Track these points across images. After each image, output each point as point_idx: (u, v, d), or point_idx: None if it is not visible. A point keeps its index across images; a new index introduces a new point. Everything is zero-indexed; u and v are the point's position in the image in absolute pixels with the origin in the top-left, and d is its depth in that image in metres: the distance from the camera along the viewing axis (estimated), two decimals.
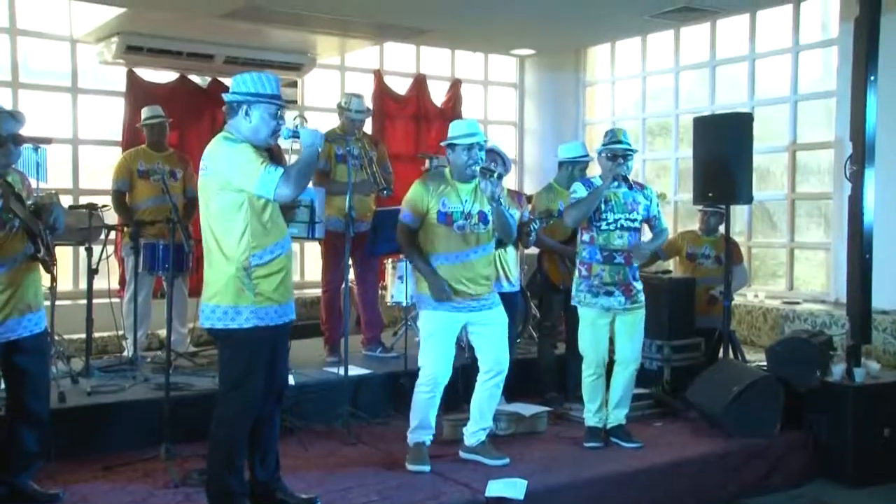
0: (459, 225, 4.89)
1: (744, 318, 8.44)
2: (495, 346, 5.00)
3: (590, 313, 5.42)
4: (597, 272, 5.37)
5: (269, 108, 3.95)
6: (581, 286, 5.44)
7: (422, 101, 9.89)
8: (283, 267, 4.02)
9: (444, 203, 4.90)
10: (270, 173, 3.77)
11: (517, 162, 10.81)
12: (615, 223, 5.36)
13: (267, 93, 3.95)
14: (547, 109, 10.77)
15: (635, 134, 10.18)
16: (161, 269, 6.35)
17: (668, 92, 9.87)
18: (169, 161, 6.88)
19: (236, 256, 3.88)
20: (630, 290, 5.38)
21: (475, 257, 4.93)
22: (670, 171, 9.81)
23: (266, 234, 3.94)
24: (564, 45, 10.20)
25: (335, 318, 6.81)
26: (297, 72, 8.94)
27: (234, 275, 3.88)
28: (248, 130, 3.94)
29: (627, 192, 5.43)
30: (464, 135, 4.94)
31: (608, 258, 5.36)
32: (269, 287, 3.96)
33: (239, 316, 3.90)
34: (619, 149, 5.40)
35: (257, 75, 3.98)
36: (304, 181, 3.85)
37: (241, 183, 3.82)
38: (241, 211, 3.86)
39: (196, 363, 6.48)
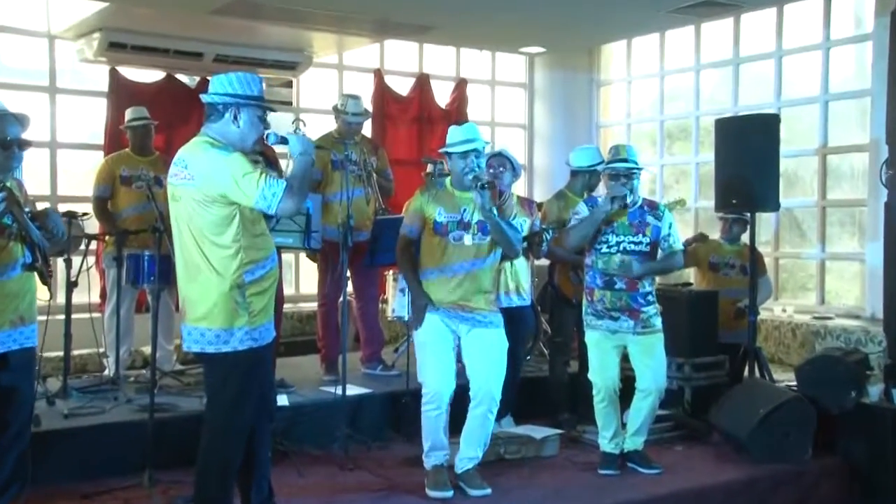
0: (456, 235, 4.90)
1: (771, 334, 8.40)
2: (488, 372, 4.93)
3: (595, 337, 5.41)
4: (598, 297, 5.35)
5: (257, 111, 3.95)
6: (588, 310, 5.44)
7: (425, 103, 9.87)
8: (273, 282, 4.02)
9: (441, 212, 4.92)
10: (272, 186, 3.75)
11: (526, 167, 10.79)
12: (617, 246, 5.32)
13: (255, 94, 3.94)
14: (558, 111, 10.75)
15: (652, 137, 10.17)
16: (145, 281, 6.32)
17: (687, 92, 9.85)
18: (154, 166, 6.86)
19: (230, 273, 3.86)
20: (637, 314, 5.33)
21: (474, 270, 4.91)
22: (690, 177, 9.78)
23: (258, 248, 3.93)
24: (577, 43, 10.18)
25: (332, 333, 6.77)
26: (291, 71, 8.93)
27: (228, 293, 3.86)
28: (235, 136, 3.92)
29: (634, 213, 5.36)
30: (458, 142, 4.93)
31: (608, 283, 5.32)
32: (260, 304, 3.95)
33: (233, 338, 3.89)
34: (619, 168, 5.34)
35: (243, 75, 3.97)
36: (305, 192, 3.86)
37: (237, 196, 3.79)
38: (234, 225, 3.85)
39: (183, 382, 6.45)
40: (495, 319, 4.99)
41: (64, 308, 6.21)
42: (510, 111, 10.92)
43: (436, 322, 4.90)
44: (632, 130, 10.40)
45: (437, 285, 4.90)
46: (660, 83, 10.09)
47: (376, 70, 9.68)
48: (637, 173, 5.38)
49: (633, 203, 5.36)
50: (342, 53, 9.58)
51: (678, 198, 6.85)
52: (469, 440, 5.00)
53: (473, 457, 5.00)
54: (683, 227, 9.54)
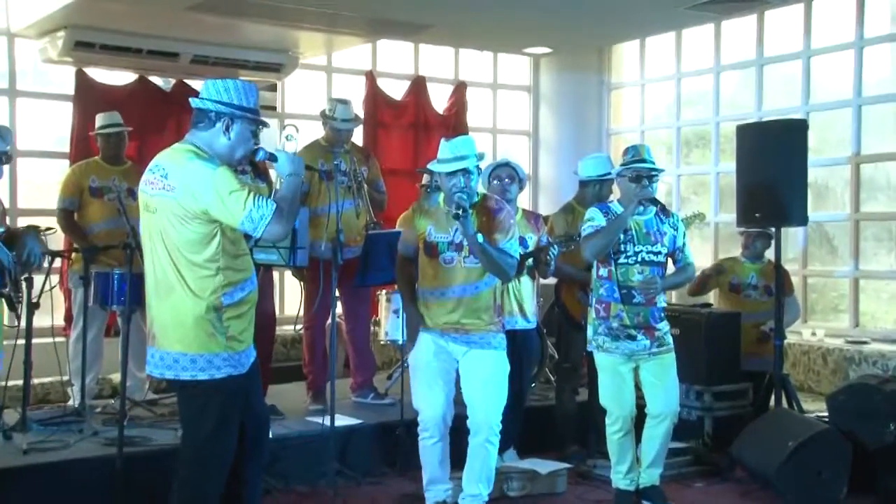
0: (447, 258, 4.92)
1: (799, 360, 8.38)
2: (485, 397, 4.93)
3: (609, 360, 5.38)
4: (615, 313, 5.34)
5: (251, 125, 3.95)
6: (599, 329, 5.40)
7: (421, 108, 9.87)
8: (252, 304, 4.02)
9: (431, 231, 4.96)
10: (261, 208, 3.74)
11: (531, 177, 10.78)
12: (635, 256, 5.34)
13: (251, 106, 3.95)
14: (565, 117, 10.76)
15: (668, 145, 10.17)
16: (115, 302, 6.28)
17: (706, 96, 9.85)
18: (126, 176, 6.84)
19: (206, 295, 3.85)
20: (654, 332, 5.35)
21: (469, 295, 4.92)
22: (709, 188, 9.76)
23: (238, 269, 3.93)
24: (586, 43, 10.20)
25: (319, 359, 6.77)
26: (276, 73, 8.93)
27: (204, 316, 3.85)
28: (223, 148, 3.92)
29: (651, 221, 5.41)
30: (446, 159, 4.90)
31: (626, 297, 5.32)
32: (239, 328, 3.94)
33: (210, 365, 3.88)
34: (643, 168, 5.36)
35: (241, 84, 3.96)
36: (295, 217, 3.89)
37: (221, 215, 3.78)
38: (214, 244, 3.84)
39: (155, 413, 6.42)
40: (495, 340, 4.98)
41: (24, 332, 6.14)
42: (513, 117, 10.92)
43: (430, 344, 4.91)
44: (645, 138, 10.38)
45: (432, 307, 4.94)
46: (676, 86, 10.09)
47: (368, 72, 9.68)
48: (657, 176, 5.42)
49: (647, 209, 5.39)
50: (331, 54, 9.57)
51: (696, 211, 6.84)
52: (470, 475, 4.97)
53: (476, 494, 4.97)
54: (702, 243, 9.54)
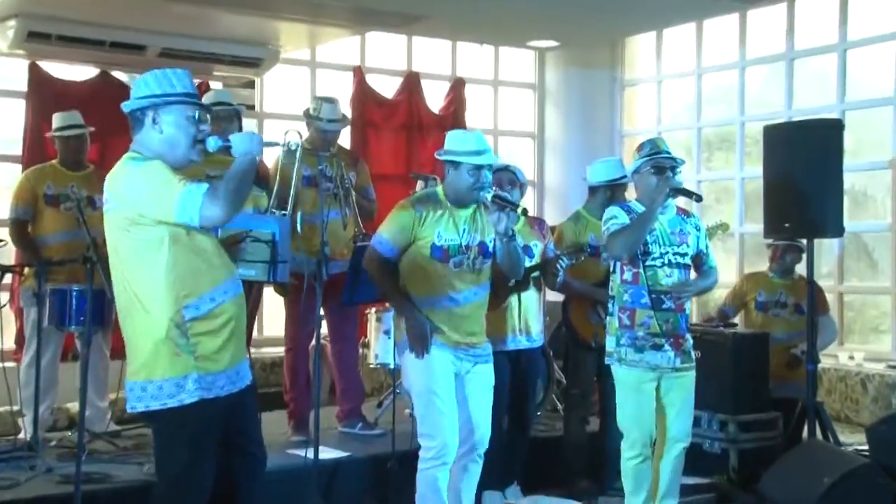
0: (457, 261, 4.97)
1: (835, 387, 8.36)
2: (487, 415, 5.05)
3: (633, 375, 5.36)
4: (642, 320, 5.34)
5: (185, 109, 3.92)
6: (622, 339, 5.39)
7: (414, 107, 9.87)
8: (230, 317, 3.96)
9: (440, 235, 4.96)
10: (192, 192, 3.72)
11: (535, 183, 10.78)
12: (662, 258, 5.37)
13: (178, 91, 3.93)
14: (574, 117, 10.77)
15: (688, 147, 10.17)
16: (74, 322, 6.25)
17: (730, 93, 9.85)
18: (87, 183, 6.82)
19: (164, 311, 3.83)
20: (680, 343, 5.37)
21: (474, 301, 5.00)
22: (734, 195, 9.76)
23: (201, 275, 3.89)
24: (597, 35, 10.20)
25: (302, 384, 6.75)
26: (254, 69, 8.93)
27: (165, 336, 3.83)
28: (160, 144, 3.92)
29: (675, 220, 5.47)
30: (471, 151, 4.97)
31: (656, 302, 5.33)
32: (213, 346, 3.90)
33: (179, 390, 3.85)
34: (665, 159, 5.41)
35: (161, 72, 3.96)
36: (238, 197, 3.81)
37: (157, 212, 3.78)
38: (163, 249, 3.82)
39: (118, 447, 6.37)
40: (489, 351, 5.15)
41: None
42: (516, 117, 10.92)
43: (448, 364, 4.95)
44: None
45: (438, 319, 4.94)
46: (696, 83, 10.09)
47: (356, 68, 9.68)
48: (679, 168, 5.48)
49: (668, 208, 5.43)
50: (315, 48, 9.57)
51: (719, 221, 6.81)
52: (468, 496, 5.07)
53: None
54: (726, 256, 9.52)
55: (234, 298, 4.00)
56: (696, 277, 5.55)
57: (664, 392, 5.39)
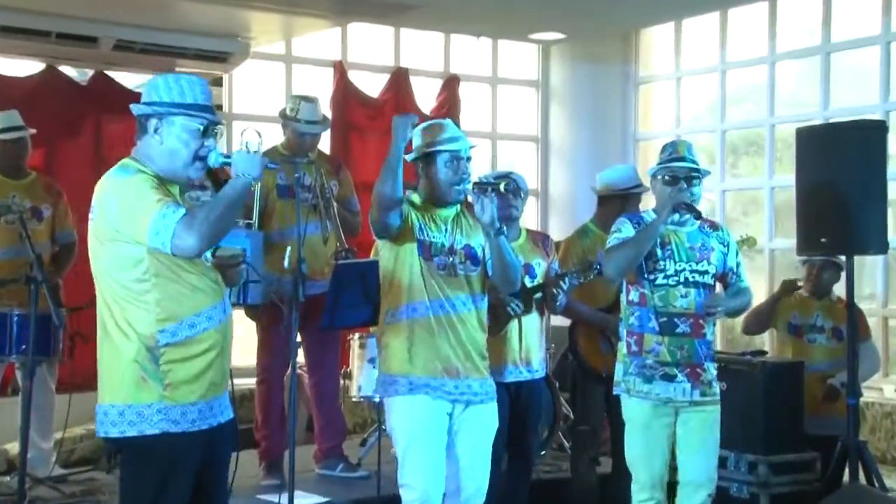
0: (441, 262, 4.91)
1: (880, 424, 8.34)
2: (471, 464, 4.98)
3: (641, 409, 5.34)
4: (650, 346, 5.31)
5: (190, 122, 3.98)
6: (630, 367, 5.36)
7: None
8: (210, 346, 3.98)
9: (422, 229, 4.92)
10: (167, 216, 3.76)
11: (538, 193, 10.79)
12: (676, 276, 5.31)
13: (187, 101, 3.99)
14: (582, 118, 10.78)
15: (710, 152, 10.17)
16: (14, 352, 6.24)
17: (758, 92, 9.86)
18: (29, 193, 6.82)
19: (138, 332, 3.88)
20: (699, 374, 5.31)
21: (465, 311, 4.92)
22: (763, 206, 9.76)
23: (182, 298, 3.92)
24: (607, 26, 10.23)
25: (276, 419, 6.77)
26: (221, 64, 8.92)
27: (133, 359, 3.87)
28: (159, 155, 3.99)
29: (695, 233, 5.40)
30: (446, 139, 4.95)
31: (667, 326, 5.28)
32: (186, 375, 3.91)
33: (140, 418, 3.87)
34: (681, 168, 5.35)
35: (174, 77, 4.04)
36: (219, 227, 3.84)
37: (131, 231, 3.84)
38: (141, 268, 3.86)
39: (63, 493, 6.33)
40: (491, 390, 5.04)
41: None
42: (517, 118, 10.94)
43: (425, 406, 4.87)
44: None
45: (423, 332, 4.87)
46: (720, 80, 10.09)
47: (337, 63, 9.69)
48: (700, 178, 5.39)
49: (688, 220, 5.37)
50: (291, 40, 9.58)
51: (746, 235, 6.80)
52: None
53: None
54: (754, 275, 9.48)
55: (219, 326, 4.02)
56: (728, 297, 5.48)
57: (681, 429, 5.36)
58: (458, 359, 4.90)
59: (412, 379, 4.88)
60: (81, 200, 7.74)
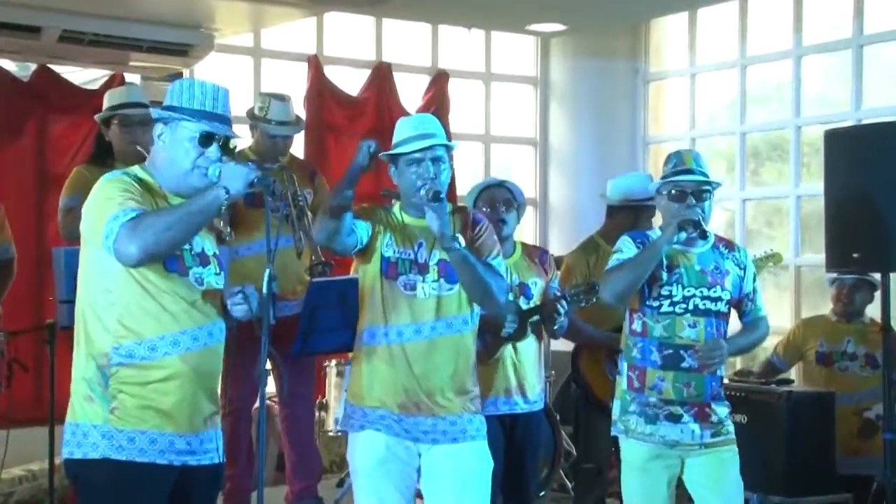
0: (407, 281, 4.86)
1: None
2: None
3: (640, 452, 5.32)
4: (653, 382, 5.28)
5: (193, 128, 4.07)
6: (630, 406, 5.34)
7: (385, 106, 9.90)
8: (172, 375, 3.99)
9: (390, 243, 4.89)
10: (118, 218, 3.84)
11: (537, 203, 10.82)
12: (684, 303, 5.27)
13: (194, 107, 4.11)
14: (586, 120, 10.82)
15: (729, 157, 10.20)
16: None
17: (782, 90, 9.90)
18: None
19: (94, 349, 3.97)
20: (707, 414, 5.28)
21: (434, 336, 4.85)
22: (787, 217, 9.77)
23: (147, 317, 3.96)
24: (614, 17, 10.26)
25: (243, 457, 6.78)
26: (182, 58, 8.91)
27: (83, 375, 3.97)
28: (161, 160, 4.15)
29: (707, 255, 5.36)
30: (408, 138, 4.89)
31: (671, 360, 5.25)
32: (138, 401, 3.94)
33: (84, 440, 3.93)
34: (687, 182, 5.31)
35: (190, 82, 4.20)
36: (166, 238, 3.87)
37: (92, 234, 3.95)
38: (109, 278, 3.94)
39: None
40: (473, 426, 4.93)
41: None
42: (513, 119, 10.97)
43: (377, 438, 4.84)
44: (697, 147, 10.36)
45: (379, 361, 4.84)
46: (740, 77, 10.12)
47: (312, 57, 9.69)
48: (710, 192, 5.35)
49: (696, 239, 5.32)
50: (259, 32, 9.59)
51: (769, 251, 6.82)
52: None
53: None
54: (778, 294, 9.52)
55: (185, 355, 4.04)
56: (734, 335, 5.43)
57: (691, 476, 5.33)
58: (420, 393, 4.82)
59: (367, 412, 4.87)
60: (22, 210, 7.82)
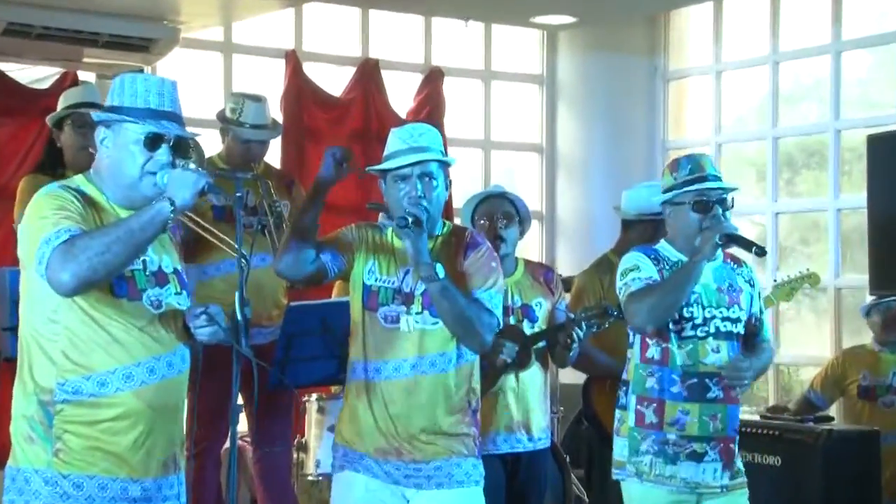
0: (389, 314, 4.86)
1: None
2: None
3: (657, 498, 5.30)
4: (674, 417, 5.26)
5: (138, 129, 4.01)
6: (643, 444, 5.31)
7: (372, 108, 9.94)
8: (124, 413, 3.98)
9: (372, 271, 4.90)
10: (50, 241, 3.79)
11: (543, 216, 10.83)
12: (706, 326, 5.27)
13: (138, 105, 4.04)
14: (597, 122, 10.86)
15: (759, 166, 10.22)
16: None
17: (820, 89, 9.93)
18: None
19: (36, 383, 3.93)
20: (731, 451, 5.30)
21: (417, 374, 4.85)
22: (826, 232, 9.78)
23: (94, 348, 3.93)
24: (629, 7, 10.31)
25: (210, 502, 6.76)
26: (143, 54, 8.93)
27: (23, 413, 3.94)
28: (106, 169, 4.09)
29: (720, 270, 5.37)
30: (396, 152, 4.90)
31: (697, 391, 5.23)
32: (84, 442, 3.92)
33: (26, 486, 3.91)
34: (712, 189, 5.31)
35: (132, 77, 4.12)
36: (103, 262, 3.80)
37: (25, 257, 3.92)
38: (51, 305, 3.91)
39: None
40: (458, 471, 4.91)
41: None
42: (517, 123, 11.01)
43: (358, 484, 4.86)
44: (723, 153, 10.42)
45: (358, 399, 4.86)
46: (771, 75, 10.13)
47: (290, 53, 9.73)
48: (730, 199, 5.34)
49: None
50: (231, 25, 9.62)
51: (805, 271, 6.82)
52: None
53: None
54: (816, 319, 9.52)
55: (141, 390, 4.02)
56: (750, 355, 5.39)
57: None
58: (398, 437, 4.84)
59: (347, 451, 4.90)
60: None
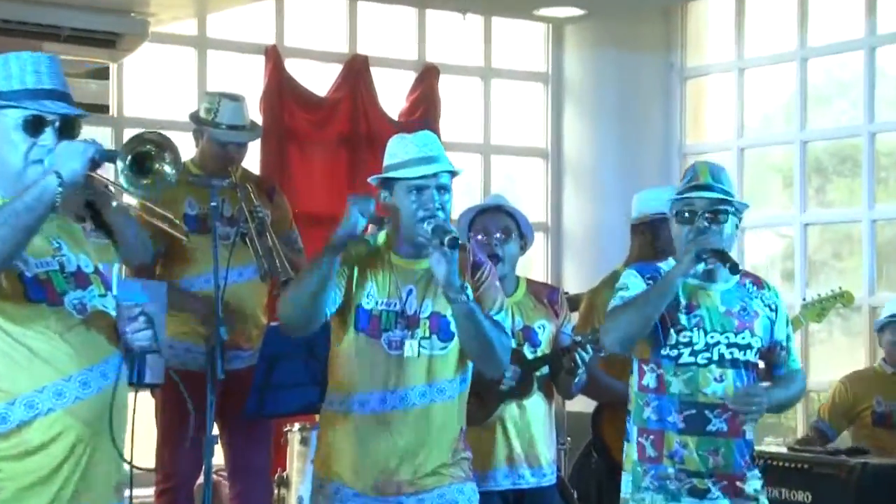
0: (393, 339, 4.87)
1: None
2: None
3: None
4: (671, 449, 5.27)
5: (16, 113, 3.99)
6: (644, 478, 5.33)
7: (361, 109, 9.94)
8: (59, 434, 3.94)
9: (370, 294, 4.89)
10: None
11: (548, 228, 10.85)
12: (708, 351, 5.26)
13: (13, 87, 4.03)
14: (608, 124, 10.88)
15: (786, 172, 10.22)
16: None
17: (852, 88, 9.97)
18: None
19: None
20: (739, 490, 5.28)
21: (423, 404, 4.89)
22: (860, 246, 9.78)
23: (15, 369, 3.91)
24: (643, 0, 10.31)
25: None
26: (109, 49, 8.96)
27: None
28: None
29: (732, 292, 5.35)
30: (409, 160, 4.89)
31: (695, 422, 5.24)
32: (23, 479, 3.89)
33: None
34: (699, 199, 5.29)
35: (4, 58, 4.09)
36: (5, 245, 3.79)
37: None
38: None
39: None
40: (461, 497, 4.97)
41: None
42: (520, 126, 11.03)
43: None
44: (746, 159, 10.42)
45: (349, 433, 4.88)
46: (798, 73, 10.14)
47: (270, 48, 9.73)
48: (730, 213, 5.30)
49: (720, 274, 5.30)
50: (205, 18, 9.64)
51: (837, 289, 6.81)
52: None
53: None
54: (850, 341, 9.52)
55: (74, 407, 3.98)
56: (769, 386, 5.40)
57: None
58: (401, 472, 4.87)
59: (338, 486, 4.92)
60: None
